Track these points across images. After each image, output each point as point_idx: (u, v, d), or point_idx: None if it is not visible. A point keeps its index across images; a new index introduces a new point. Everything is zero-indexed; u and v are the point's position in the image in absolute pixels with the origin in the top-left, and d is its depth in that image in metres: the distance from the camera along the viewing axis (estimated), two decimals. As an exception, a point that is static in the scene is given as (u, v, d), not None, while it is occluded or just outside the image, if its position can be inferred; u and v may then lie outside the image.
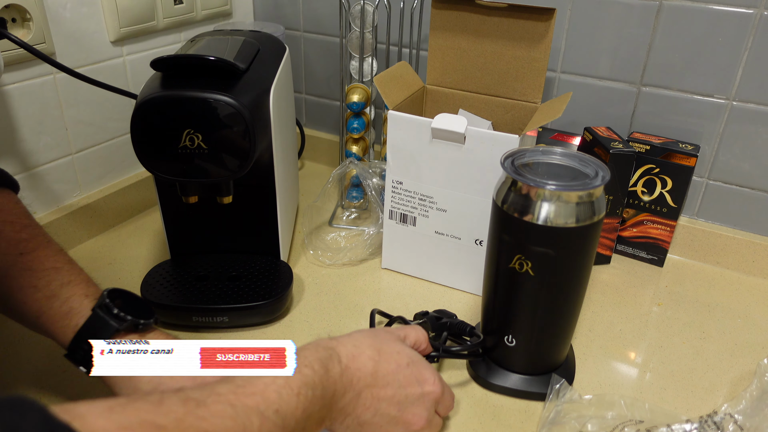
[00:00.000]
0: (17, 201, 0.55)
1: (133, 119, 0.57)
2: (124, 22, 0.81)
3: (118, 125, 0.85)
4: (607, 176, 0.51)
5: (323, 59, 1.03)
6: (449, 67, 0.80)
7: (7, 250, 0.50)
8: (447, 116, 0.66)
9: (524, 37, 0.73)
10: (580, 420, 0.53)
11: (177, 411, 0.33)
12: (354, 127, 0.86)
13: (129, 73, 0.85)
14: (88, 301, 0.50)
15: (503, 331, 0.59)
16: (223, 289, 0.68)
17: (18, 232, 0.51)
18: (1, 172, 0.55)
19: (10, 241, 0.50)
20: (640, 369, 0.65)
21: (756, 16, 0.71)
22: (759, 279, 0.81)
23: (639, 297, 0.77)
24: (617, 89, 0.82)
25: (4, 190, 0.54)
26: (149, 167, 0.59)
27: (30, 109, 0.73)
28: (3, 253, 0.50)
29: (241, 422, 0.36)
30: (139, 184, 0.89)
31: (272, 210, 0.71)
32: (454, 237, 0.72)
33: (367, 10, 0.82)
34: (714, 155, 0.80)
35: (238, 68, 0.60)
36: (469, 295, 0.75)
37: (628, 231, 0.83)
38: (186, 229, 0.72)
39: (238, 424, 0.35)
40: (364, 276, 0.78)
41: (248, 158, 0.59)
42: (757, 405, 0.52)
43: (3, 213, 0.52)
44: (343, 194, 0.92)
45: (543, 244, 0.52)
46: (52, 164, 0.78)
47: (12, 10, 0.68)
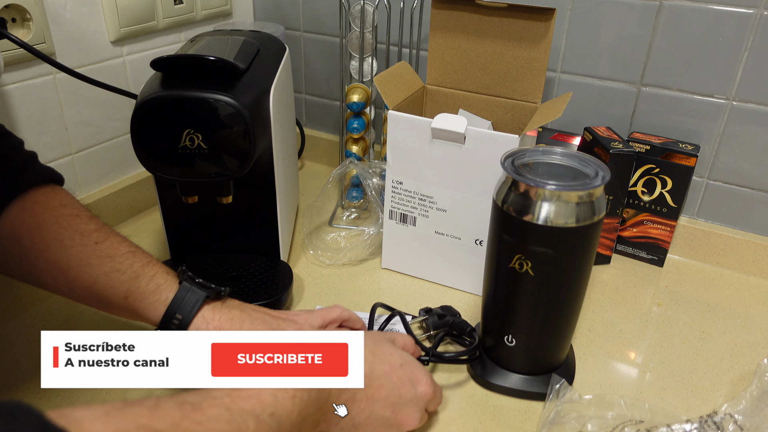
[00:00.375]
0: (72, 195, 0.56)
1: (133, 119, 0.57)
2: (124, 22, 0.81)
3: (118, 125, 0.85)
4: (607, 176, 0.51)
5: (323, 59, 1.03)
6: (449, 67, 0.80)
7: (83, 241, 0.52)
8: (447, 116, 0.66)
9: (524, 37, 0.73)
10: (580, 420, 0.53)
11: (173, 415, 0.34)
12: (354, 127, 0.86)
13: (129, 73, 0.85)
14: (171, 276, 0.53)
15: (503, 331, 0.59)
16: (223, 289, 0.68)
17: (86, 224, 0.53)
18: (49, 169, 0.56)
19: (83, 232, 0.52)
20: (640, 369, 0.65)
21: (756, 16, 0.71)
22: (759, 279, 0.81)
23: (639, 297, 0.77)
24: (617, 89, 0.82)
25: (56, 186, 0.56)
26: (149, 167, 0.59)
27: (30, 109, 0.73)
28: (80, 244, 0.51)
29: (236, 426, 0.36)
30: (139, 184, 0.89)
31: (272, 210, 0.71)
32: (454, 237, 0.72)
33: (367, 10, 0.82)
34: (714, 155, 0.80)
35: (238, 68, 0.60)
36: (469, 295, 0.75)
37: (628, 231, 0.83)
38: (186, 229, 0.72)
39: (233, 428, 0.35)
40: (364, 276, 0.78)
41: (248, 158, 0.59)
42: (757, 405, 0.52)
43: (67, 208, 0.53)
44: (343, 194, 0.92)
45: (543, 244, 0.52)
46: (52, 164, 0.77)
47: (12, 10, 0.68)
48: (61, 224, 0.52)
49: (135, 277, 0.51)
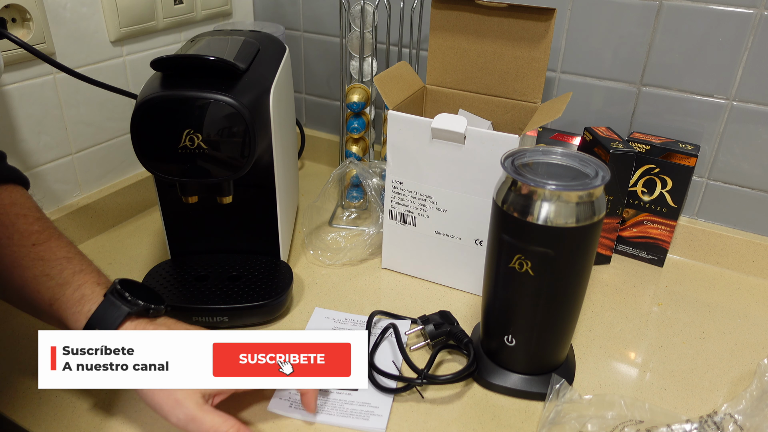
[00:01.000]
0: (28, 196, 0.56)
1: (133, 119, 0.57)
2: (124, 22, 0.81)
3: (118, 125, 0.85)
4: (607, 176, 0.51)
5: (323, 59, 1.03)
6: (449, 67, 0.80)
7: (21, 241, 0.51)
8: (447, 116, 0.66)
9: (524, 37, 0.73)
10: (580, 420, 0.53)
11: None
12: (354, 127, 0.86)
13: (129, 73, 0.85)
14: (100, 288, 0.51)
15: (503, 331, 0.59)
16: (223, 289, 0.68)
17: (30, 225, 0.53)
18: (13, 169, 0.56)
19: (23, 232, 0.52)
20: (640, 369, 0.65)
21: (756, 16, 0.71)
22: (759, 279, 0.81)
23: (639, 297, 0.77)
24: (617, 89, 0.82)
25: (16, 186, 0.56)
26: (149, 167, 0.59)
27: (30, 109, 0.73)
28: (17, 244, 0.51)
29: None
30: (139, 184, 0.89)
31: (272, 210, 0.71)
32: (454, 237, 0.72)
33: (367, 10, 0.82)
34: (714, 155, 0.80)
35: (238, 68, 0.60)
36: (469, 295, 0.75)
37: (628, 231, 0.83)
38: (186, 229, 0.72)
39: None
40: (364, 276, 0.78)
41: (248, 158, 0.59)
42: (757, 405, 0.52)
43: (16, 207, 0.53)
44: (343, 194, 0.92)
45: (543, 244, 0.52)
46: (52, 164, 0.78)
47: (12, 10, 0.68)
48: (3, 222, 0.51)
49: (62, 284, 0.50)
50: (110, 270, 0.77)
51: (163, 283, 0.68)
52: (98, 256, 0.80)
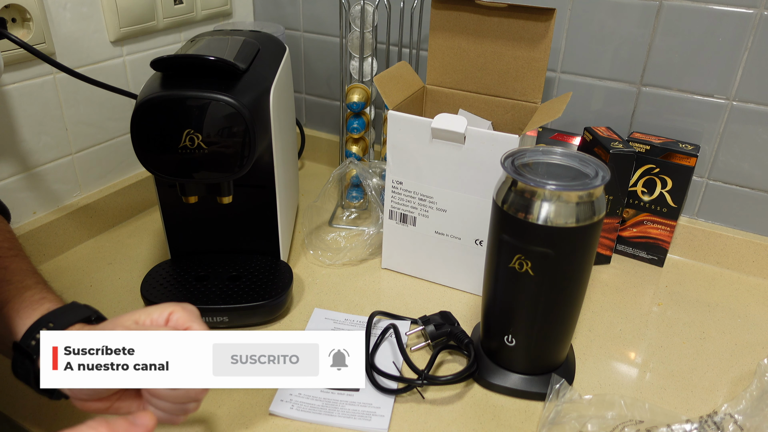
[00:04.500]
0: (6, 223, 0.57)
1: (133, 119, 0.57)
2: (124, 22, 0.81)
3: (118, 125, 0.85)
4: (607, 176, 0.51)
5: (323, 59, 1.03)
6: (449, 67, 0.80)
7: None
8: (447, 116, 0.66)
9: (524, 37, 0.73)
10: (580, 420, 0.53)
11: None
12: (354, 127, 0.86)
13: (129, 73, 0.85)
14: (59, 300, 0.49)
15: (503, 331, 0.59)
16: (223, 289, 0.68)
17: (1, 242, 0.52)
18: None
19: None
20: (640, 369, 0.65)
21: (756, 16, 0.71)
22: (759, 279, 0.81)
23: (639, 297, 0.77)
24: (617, 89, 0.82)
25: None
26: (149, 167, 0.59)
27: (30, 109, 0.73)
28: None
29: None
30: (139, 184, 0.89)
31: (272, 210, 0.71)
32: (454, 237, 0.72)
33: (367, 10, 0.82)
34: (714, 155, 0.80)
35: (238, 68, 0.60)
36: (469, 295, 0.75)
37: (628, 231, 0.83)
38: (186, 229, 0.72)
39: None
40: (364, 276, 0.78)
41: (248, 158, 0.59)
42: (757, 405, 0.52)
43: None
44: (343, 194, 0.92)
45: (543, 244, 0.52)
46: (52, 164, 0.78)
47: (12, 10, 0.67)
48: None
49: (22, 289, 0.48)
50: (110, 270, 0.77)
51: (163, 283, 0.68)
52: (98, 256, 0.80)
